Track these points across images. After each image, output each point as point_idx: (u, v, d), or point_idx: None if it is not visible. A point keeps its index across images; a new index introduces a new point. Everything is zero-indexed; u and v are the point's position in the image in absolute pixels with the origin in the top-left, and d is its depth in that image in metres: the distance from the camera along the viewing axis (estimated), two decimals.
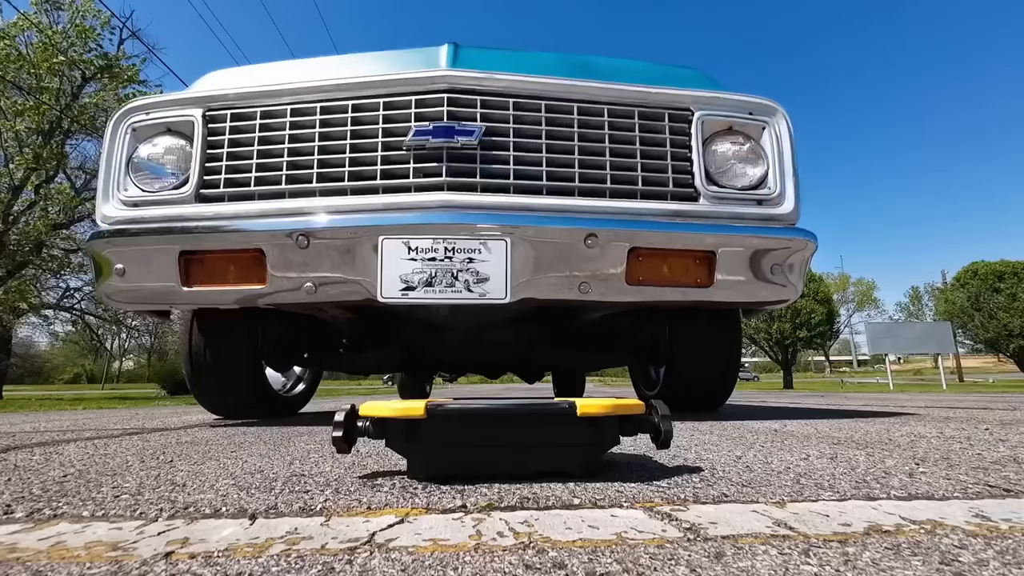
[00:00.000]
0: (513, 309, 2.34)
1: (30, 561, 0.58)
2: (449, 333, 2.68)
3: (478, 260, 1.81)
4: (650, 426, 1.00)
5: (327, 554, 0.59)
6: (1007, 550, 0.57)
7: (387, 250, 1.81)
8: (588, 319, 2.80)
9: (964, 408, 3.37)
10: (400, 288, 1.80)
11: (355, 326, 2.87)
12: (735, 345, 2.76)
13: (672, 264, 1.95)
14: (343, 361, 3.13)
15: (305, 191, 1.92)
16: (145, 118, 2.04)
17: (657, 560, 0.55)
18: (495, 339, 2.76)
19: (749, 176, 2.05)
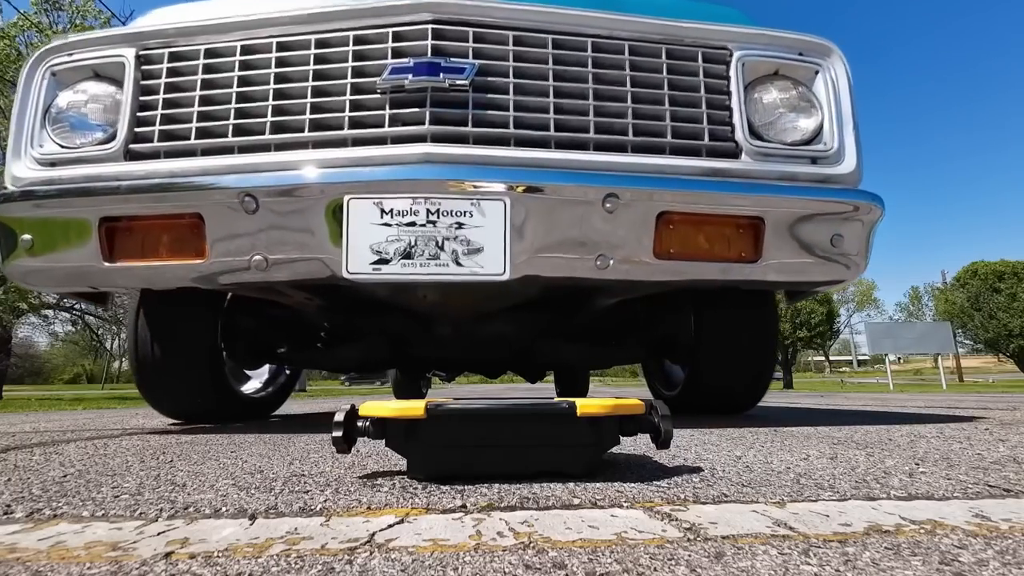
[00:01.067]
0: (514, 291, 2.03)
1: (30, 561, 0.58)
2: (439, 325, 2.35)
3: (469, 226, 1.48)
4: (650, 426, 1.00)
5: (327, 554, 0.59)
6: (1007, 550, 0.57)
7: (355, 213, 1.48)
8: (600, 307, 2.39)
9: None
10: (371, 262, 1.48)
11: (330, 317, 2.52)
12: (772, 335, 2.39)
13: (710, 233, 1.62)
14: (316, 358, 2.81)
15: (257, 145, 1.59)
16: (67, 60, 1.69)
17: (657, 560, 0.55)
18: (493, 332, 2.43)
19: (800, 129, 1.71)
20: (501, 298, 2.09)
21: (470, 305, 2.10)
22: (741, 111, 1.68)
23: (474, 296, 2.01)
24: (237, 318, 2.50)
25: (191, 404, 2.36)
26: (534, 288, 2.04)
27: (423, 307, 2.11)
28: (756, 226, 1.62)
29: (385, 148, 1.56)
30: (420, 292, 1.96)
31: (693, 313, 2.40)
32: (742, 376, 2.39)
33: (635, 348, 2.76)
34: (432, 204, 1.48)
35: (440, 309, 2.14)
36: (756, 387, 2.44)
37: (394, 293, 2.04)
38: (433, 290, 1.97)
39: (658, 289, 2.09)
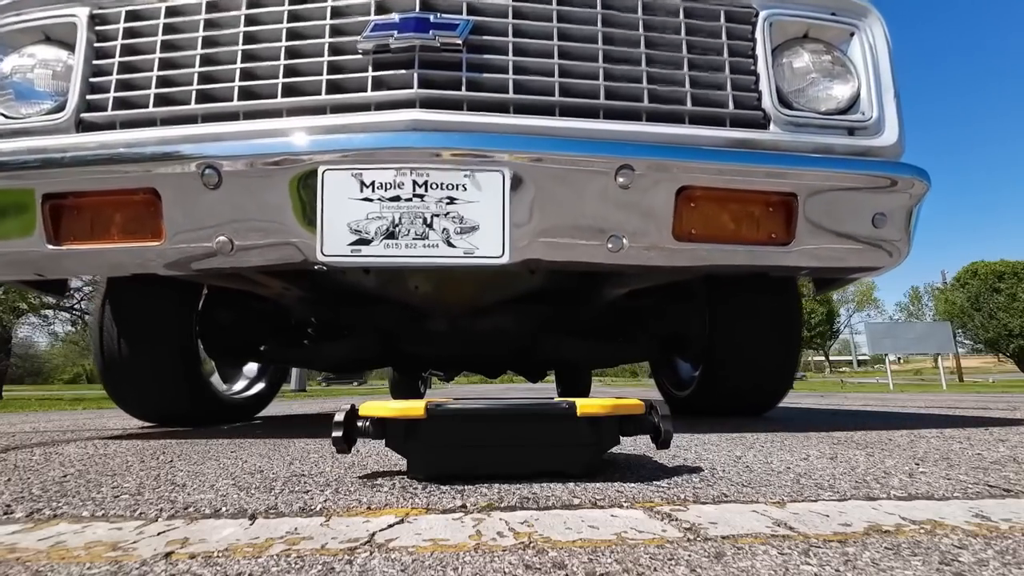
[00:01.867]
0: (514, 280, 1.90)
1: (30, 561, 0.58)
2: (433, 319, 2.18)
3: (462, 201, 1.33)
4: (650, 426, 1.00)
5: (327, 554, 0.59)
6: (1007, 550, 0.57)
7: (331, 187, 1.32)
8: (607, 298, 2.18)
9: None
10: (349, 242, 1.32)
11: (315, 310, 2.31)
12: (796, 326, 2.19)
13: (737, 212, 1.47)
14: (302, 355, 2.63)
15: (224, 113, 1.43)
16: (14, 21, 1.52)
17: (657, 560, 0.55)
18: (491, 327, 2.25)
19: (835, 97, 1.56)
20: (500, 288, 1.95)
21: (466, 297, 1.95)
22: (769, 76, 1.51)
23: (470, 286, 1.88)
24: (215, 311, 2.31)
25: (163, 405, 2.19)
26: (537, 277, 1.92)
27: (415, 299, 1.96)
28: (788, 204, 1.45)
29: (367, 115, 1.38)
30: (411, 283, 1.85)
31: (708, 304, 2.22)
32: (764, 373, 2.20)
33: (644, 344, 2.54)
34: (419, 175, 1.32)
35: (434, 301, 1.97)
36: (779, 385, 2.25)
37: (383, 284, 1.90)
38: (424, 279, 1.84)
39: (676, 276, 1.95)
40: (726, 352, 2.18)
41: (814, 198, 1.45)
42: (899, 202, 1.51)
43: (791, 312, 2.16)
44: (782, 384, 2.24)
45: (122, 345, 2.03)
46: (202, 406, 2.26)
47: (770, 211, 1.47)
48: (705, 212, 1.45)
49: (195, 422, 2.26)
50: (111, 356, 2.05)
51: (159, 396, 2.15)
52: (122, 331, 2.03)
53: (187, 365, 2.14)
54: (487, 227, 1.34)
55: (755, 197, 1.46)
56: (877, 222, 1.49)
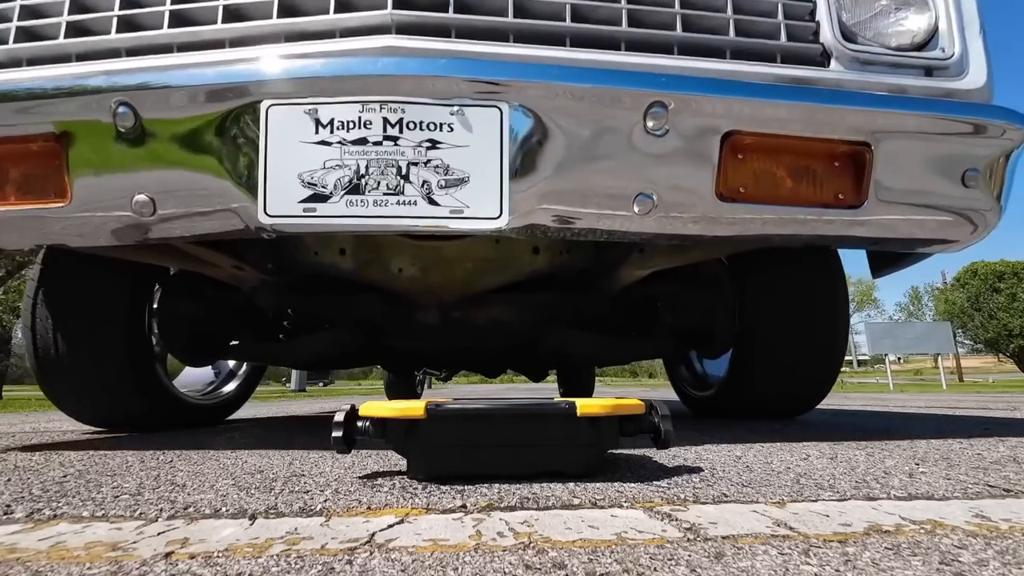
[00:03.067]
0: (516, 259, 1.66)
1: (30, 561, 0.58)
2: (423, 310, 1.91)
3: (448, 145, 1.08)
4: (650, 426, 1.00)
5: (327, 554, 0.59)
6: (1007, 550, 0.57)
7: (277, 126, 1.07)
8: (623, 282, 1.89)
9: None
10: (301, 199, 1.07)
11: (282, 298, 1.97)
12: (843, 314, 1.91)
13: (796, 165, 1.22)
14: (273, 352, 2.29)
15: (153, 45, 1.17)
16: None
17: (657, 560, 0.55)
18: (488, 318, 1.96)
19: (909, 30, 1.31)
20: (499, 272, 1.70)
21: (458, 282, 1.70)
22: (829, 3, 1.26)
23: (463, 269, 1.64)
24: (174, 301, 2.03)
25: (109, 408, 1.91)
26: (541, 258, 1.66)
27: (399, 285, 1.71)
28: (860, 156, 1.20)
29: (328, 43, 1.14)
30: (393, 264, 1.63)
31: (737, 290, 1.95)
32: (804, 369, 1.90)
33: (661, 339, 2.23)
34: (392, 112, 1.06)
35: (420, 287, 1.71)
36: (822, 384, 1.96)
37: (360, 267, 1.66)
38: (409, 260, 1.61)
39: (715, 252, 1.67)
40: (760, 346, 1.91)
41: (892, 149, 1.20)
42: (996, 154, 1.24)
43: (836, 297, 1.87)
44: (825, 382, 1.96)
45: (59, 339, 1.76)
46: (159, 409, 2.01)
47: (836, 165, 1.22)
48: (757, 165, 1.19)
49: (151, 426, 2.02)
50: (46, 351, 1.78)
51: (104, 397, 1.87)
52: (59, 322, 1.75)
53: (138, 362, 1.88)
54: (480, 180, 1.08)
55: (819, 147, 1.20)
56: (969, 179, 1.23)
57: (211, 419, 2.39)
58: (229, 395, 2.55)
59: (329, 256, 1.67)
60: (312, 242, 1.67)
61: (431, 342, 2.12)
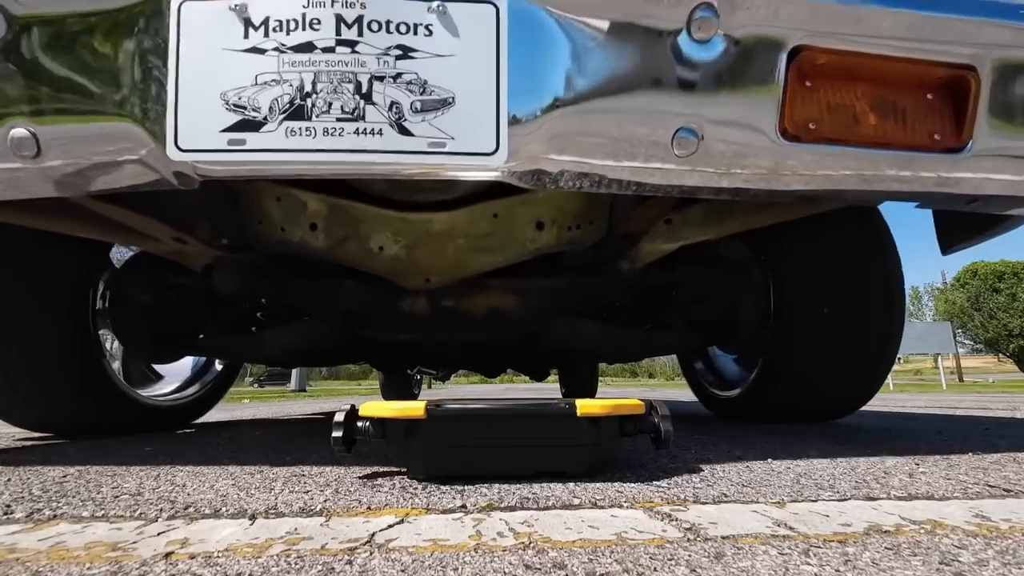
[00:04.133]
0: (517, 237, 1.38)
1: (30, 561, 0.58)
2: (409, 297, 1.67)
3: (425, 54, 0.83)
4: (650, 426, 1.00)
5: (327, 554, 0.59)
6: (1007, 550, 0.57)
7: (191, 29, 0.83)
8: (644, 259, 1.58)
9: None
10: (224, 127, 0.84)
11: (245, 281, 1.66)
12: (898, 297, 1.63)
13: (879, 95, 0.97)
14: (240, 347, 1.97)
15: None
16: None
17: (657, 560, 0.55)
18: (486, 308, 1.71)
19: None
20: (497, 247, 1.40)
21: (449, 262, 1.42)
22: None
23: (454, 245, 1.37)
24: (126, 287, 1.77)
25: (44, 408, 1.69)
26: (547, 234, 1.38)
27: (379, 266, 1.44)
28: (962, 82, 0.95)
29: None
30: (372, 242, 1.37)
31: (768, 272, 1.71)
32: (856, 362, 1.64)
33: (681, 332, 1.91)
34: (348, 7, 0.82)
35: (405, 268, 1.45)
36: (872, 380, 1.70)
37: (333, 244, 1.38)
38: (390, 237, 1.35)
39: (765, 218, 1.38)
40: (796, 338, 1.66)
41: (1005, 74, 0.94)
42: None
43: (889, 279, 1.61)
44: (874, 380, 1.69)
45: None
46: (109, 411, 1.80)
47: (928, 97, 0.97)
48: (832, 93, 0.95)
49: (100, 431, 1.81)
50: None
51: (39, 397, 1.65)
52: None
53: (81, 357, 1.66)
54: (469, 102, 0.83)
55: (910, 71, 0.95)
56: None
57: (175, 423, 2.15)
58: (195, 396, 2.29)
59: (298, 232, 1.40)
60: (277, 214, 1.38)
61: (419, 335, 1.81)
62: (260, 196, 1.37)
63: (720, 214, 1.44)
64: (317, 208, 1.35)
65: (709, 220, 1.46)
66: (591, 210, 1.39)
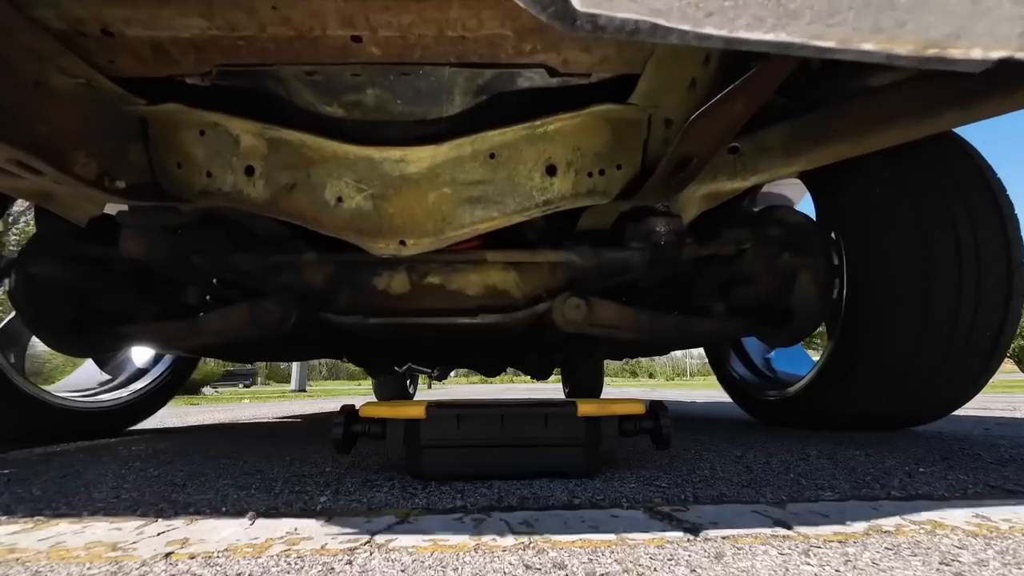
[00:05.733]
0: (521, 175, 1.08)
1: (30, 561, 0.58)
2: (383, 268, 1.36)
3: None
4: (650, 426, 1.01)
5: (327, 554, 0.59)
6: (1007, 550, 0.57)
7: None
8: (688, 214, 1.23)
9: None
10: None
11: (157, 244, 1.23)
12: (1019, 268, 1.33)
13: None
14: (169, 333, 1.49)
15: None
16: None
17: (657, 560, 0.55)
18: (483, 284, 1.37)
19: None
20: (493, 198, 1.10)
21: (430, 218, 1.11)
22: None
23: (437, 195, 1.09)
24: (34, 262, 1.41)
25: None
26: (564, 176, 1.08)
27: (341, 223, 1.12)
28: None
29: None
30: (327, 191, 1.10)
31: (842, 236, 1.43)
32: (958, 354, 1.35)
33: (724, 317, 1.57)
34: None
35: (372, 227, 1.12)
36: (982, 373, 1.40)
37: (276, 195, 1.09)
38: (352, 182, 1.08)
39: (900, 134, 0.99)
40: (884, 323, 1.37)
41: None
42: None
43: (1009, 247, 1.32)
44: (984, 375, 1.41)
45: None
46: (21, 418, 1.57)
47: None
48: None
49: (10, 439, 1.59)
50: None
51: None
52: None
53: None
54: None
55: None
56: None
57: (104, 429, 1.84)
58: (131, 399, 1.96)
59: (229, 178, 1.10)
60: (200, 153, 1.08)
61: (397, 314, 1.40)
62: (177, 127, 1.06)
63: (813, 134, 1.06)
64: (253, 144, 1.08)
65: (798, 145, 1.09)
66: (619, 148, 1.08)
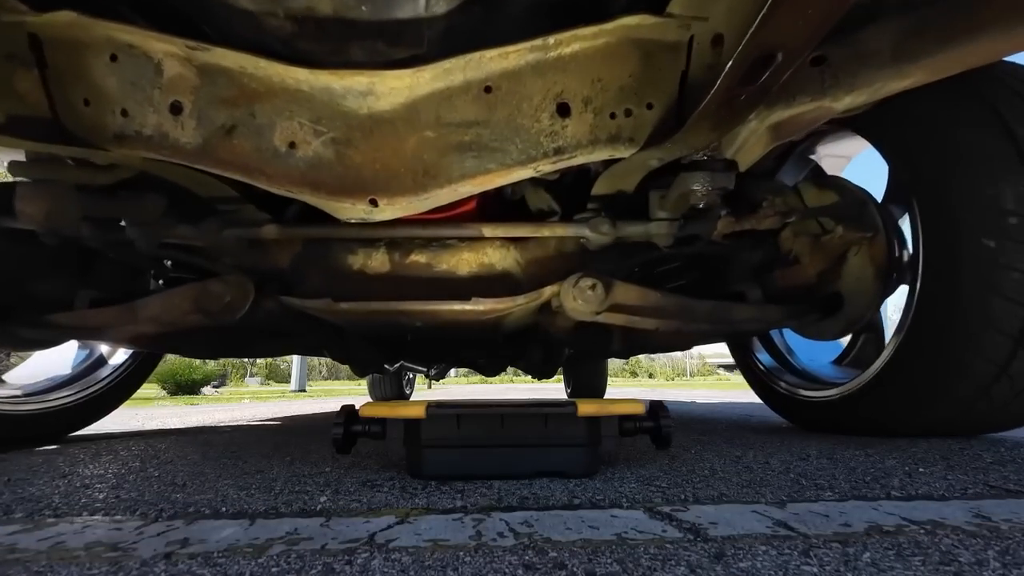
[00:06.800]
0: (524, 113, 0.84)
1: (30, 562, 0.58)
2: (363, 250, 1.16)
3: None
4: (650, 426, 1.01)
5: (327, 555, 0.59)
6: (1007, 550, 0.57)
7: None
8: (749, 157, 1.01)
9: None
10: None
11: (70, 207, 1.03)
12: None
13: None
14: (100, 322, 1.27)
15: None
16: None
17: (657, 560, 0.55)
18: (479, 264, 1.16)
19: None
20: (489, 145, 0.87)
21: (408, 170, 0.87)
22: None
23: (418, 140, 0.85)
24: None
25: None
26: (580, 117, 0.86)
27: (291, 175, 0.87)
28: None
29: None
30: (279, 133, 0.85)
31: (916, 199, 1.18)
32: None
33: (761, 304, 1.37)
34: None
35: (335, 181, 0.87)
36: None
37: (212, 140, 0.85)
38: (304, 116, 0.84)
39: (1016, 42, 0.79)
40: (973, 313, 1.14)
41: None
42: None
43: None
44: None
45: None
46: None
47: None
48: None
49: None
50: None
51: None
52: None
53: None
54: None
55: None
56: None
57: (38, 435, 1.63)
58: (73, 401, 1.70)
59: (150, 117, 0.84)
60: (113, 86, 0.84)
61: (372, 306, 1.14)
62: (79, 50, 0.82)
63: (941, 29, 0.81)
64: (179, 72, 0.82)
65: (917, 47, 0.83)
66: (651, 81, 0.83)
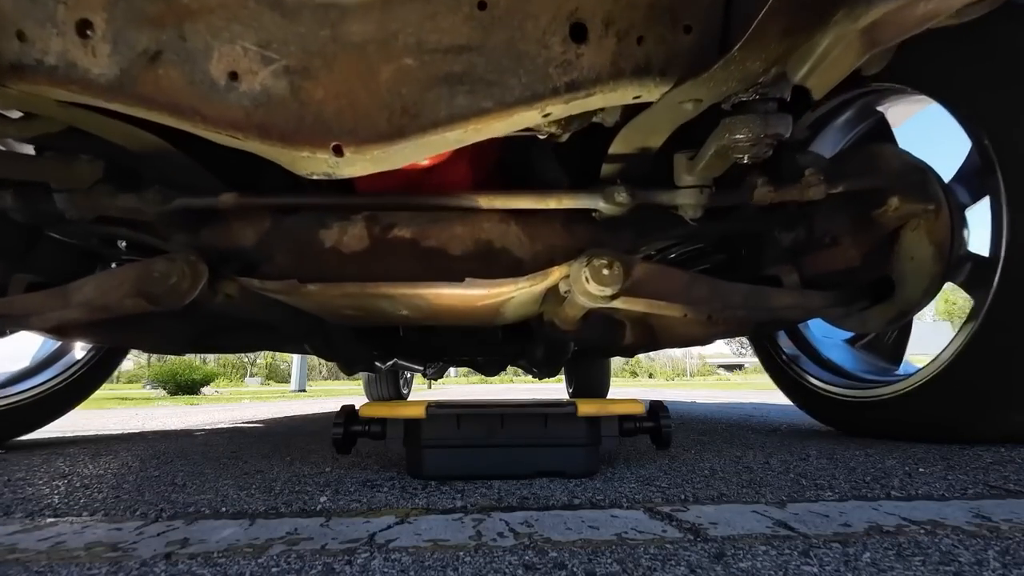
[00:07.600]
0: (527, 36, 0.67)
1: (30, 562, 0.58)
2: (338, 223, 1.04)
3: None
4: (650, 426, 1.01)
5: (327, 555, 0.59)
6: (1007, 550, 0.57)
7: None
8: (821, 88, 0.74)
9: None
10: None
11: None
12: None
13: None
14: (28, 307, 1.10)
15: None
16: None
17: (657, 561, 0.55)
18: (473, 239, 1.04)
19: None
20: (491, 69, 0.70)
21: (380, 102, 0.71)
22: None
23: (398, 67, 0.70)
24: None
25: None
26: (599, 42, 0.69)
27: (232, 115, 0.71)
28: None
29: None
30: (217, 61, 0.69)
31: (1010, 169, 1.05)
32: None
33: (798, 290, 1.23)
34: None
35: (287, 121, 0.70)
36: None
37: (128, 74, 0.69)
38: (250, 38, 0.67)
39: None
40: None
41: None
42: None
43: None
44: None
45: None
46: None
47: None
48: None
49: None
50: None
51: None
52: None
53: None
54: None
55: None
56: None
57: None
58: (23, 400, 1.58)
59: (55, 42, 0.70)
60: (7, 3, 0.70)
61: (347, 289, 1.00)
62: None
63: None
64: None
65: None
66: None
